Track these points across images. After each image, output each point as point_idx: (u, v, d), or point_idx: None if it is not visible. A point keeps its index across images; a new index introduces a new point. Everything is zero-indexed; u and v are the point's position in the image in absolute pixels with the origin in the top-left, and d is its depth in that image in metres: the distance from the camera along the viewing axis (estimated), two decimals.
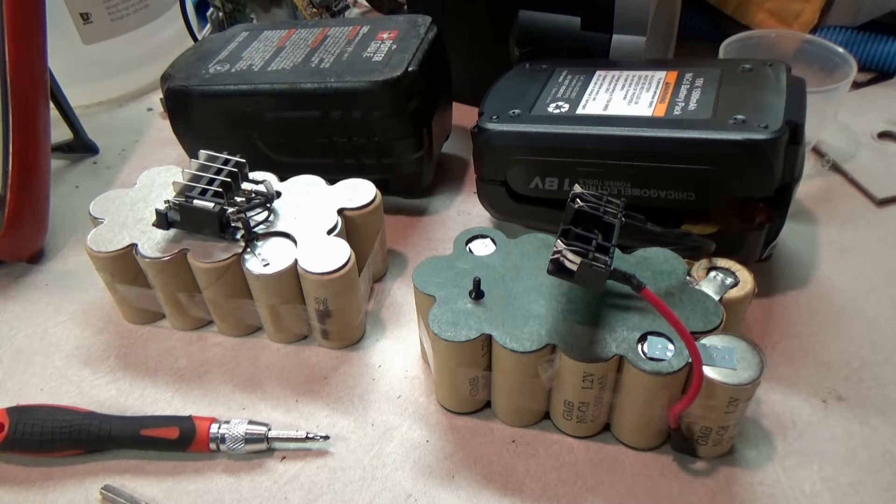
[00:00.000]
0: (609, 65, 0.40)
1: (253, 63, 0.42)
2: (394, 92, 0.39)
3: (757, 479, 0.30)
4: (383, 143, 0.41)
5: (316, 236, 0.35)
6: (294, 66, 0.41)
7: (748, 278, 0.32)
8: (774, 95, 0.34)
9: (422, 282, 0.32)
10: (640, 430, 0.31)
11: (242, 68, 0.42)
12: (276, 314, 0.36)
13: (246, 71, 0.41)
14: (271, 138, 0.42)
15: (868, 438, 0.32)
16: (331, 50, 0.42)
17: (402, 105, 0.39)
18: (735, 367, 0.27)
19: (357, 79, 0.39)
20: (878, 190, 0.45)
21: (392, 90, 0.39)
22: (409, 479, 0.31)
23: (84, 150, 0.52)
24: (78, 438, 0.32)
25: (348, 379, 0.36)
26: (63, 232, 0.45)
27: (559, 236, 0.27)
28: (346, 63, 0.41)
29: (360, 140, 0.41)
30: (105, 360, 0.37)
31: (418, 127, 0.41)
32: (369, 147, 0.41)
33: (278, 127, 0.41)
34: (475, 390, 0.32)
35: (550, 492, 0.30)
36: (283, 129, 0.41)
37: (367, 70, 0.39)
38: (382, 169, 0.41)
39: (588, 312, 0.30)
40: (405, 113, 0.40)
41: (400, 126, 0.40)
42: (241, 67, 0.42)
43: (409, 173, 0.43)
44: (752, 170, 0.32)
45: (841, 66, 0.45)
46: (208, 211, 0.34)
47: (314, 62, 0.41)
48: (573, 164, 0.35)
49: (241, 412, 0.34)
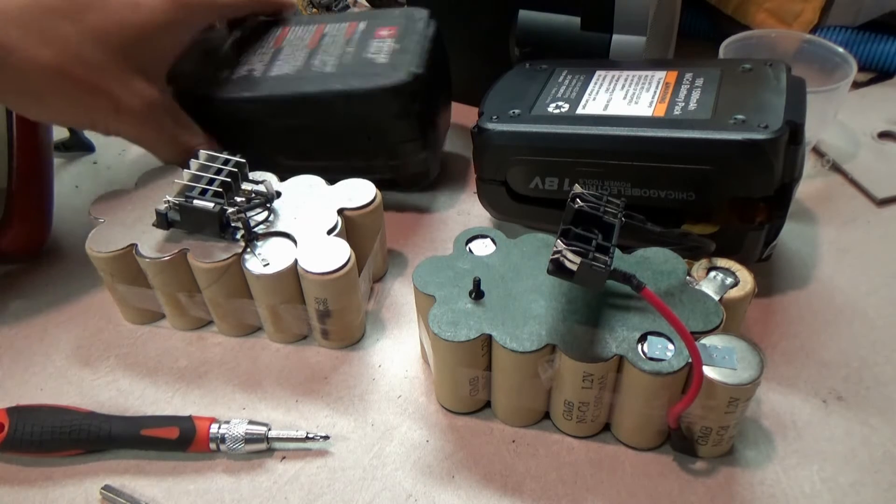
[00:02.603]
0: (609, 65, 0.40)
1: (254, 68, 0.42)
2: (401, 96, 0.39)
3: (757, 479, 0.30)
4: (391, 145, 0.41)
5: (316, 236, 0.35)
6: (297, 71, 0.41)
7: (748, 278, 0.32)
8: (774, 95, 0.34)
9: (422, 282, 0.32)
10: (640, 430, 0.31)
11: (244, 73, 0.41)
12: (276, 314, 0.36)
13: (248, 77, 0.41)
14: (277, 144, 0.42)
15: (868, 438, 0.32)
16: (331, 51, 0.42)
17: (410, 108, 0.39)
18: (735, 367, 0.28)
19: (363, 84, 0.39)
20: (878, 190, 0.45)
21: (399, 95, 0.39)
22: (409, 479, 0.31)
23: (80, 148, 0.52)
24: (78, 438, 0.32)
25: (348, 379, 0.36)
26: (63, 232, 0.45)
27: (559, 236, 0.27)
28: (349, 66, 0.40)
29: (368, 144, 0.41)
30: (105, 360, 0.37)
31: (424, 127, 0.41)
32: (377, 150, 0.41)
33: (283, 133, 0.41)
34: (475, 390, 0.32)
35: (550, 492, 0.30)
36: (289, 135, 0.41)
37: (372, 74, 0.39)
38: (391, 169, 0.42)
39: (588, 312, 0.30)
40: (412, 115, 0.40)
41: (408, 128, 0.40)
42: (243, 73, 0.41)
43: (416, 171, 0.44)
44: (752, 170, 0.32)
45: (841, 66, 0.45)
46: (208, 211, 0.34)
47: (316, 65, 0.41)
48: (573, 164, 0.35)
49: (241, 412, 0.34)
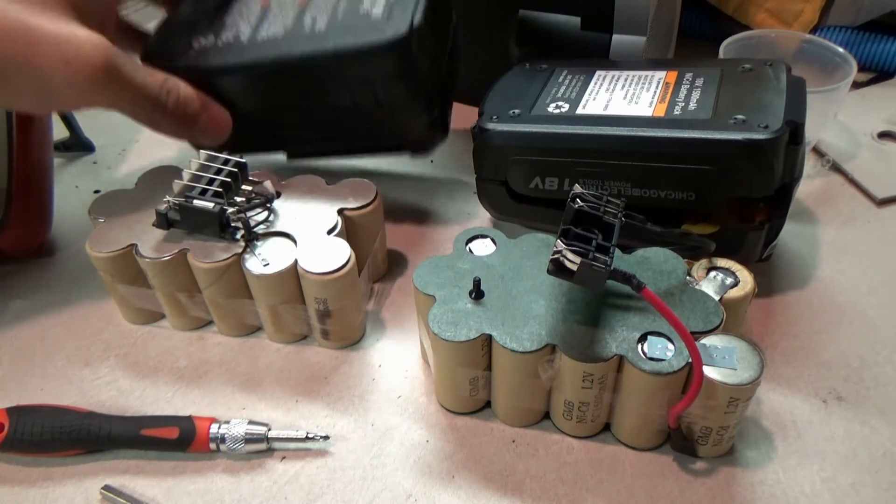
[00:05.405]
0: (609, 65, 0.40)
1: (240, 31, 0.37)
2: (400, 52, 0.35)
3: (757, 479, 0.30)
4: (392, 108, 0.37)
5: (316, 236, 0.35)
6: (286, 32, 0.36)
7: (748, 278, 0.32)
8: (774, 95, 0.34)
9: (422, 282, 0.32)
10: (640, 430, 0.31)
11: (229, 39, 0.37)
12: (276, 314, 0.36)
13: (234, 43, 0.37)
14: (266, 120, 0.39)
15: (868, 438, 0.32)
16: (322, 5, 0.37)
17: (411, 66, 0.36)
18: (735, 367, 0.28)
19: (357, 40, 0.35)
20: (878, 190, 0.45)
21: (398, 50, 0.35)
22: (409, 479, 0.31)
23: (80, 148, 0.52)
24: (78, 438, 0.32)
25: (348, 379, 0.36)
26: (63, 232, 0.45)
27: (559, 236, 0.27)
28: (342, 22, 0.36)
29: (368, 107, 0.37)
30: (105, 360, 0.37)
31: (428, 87, 0.38)
32: (378, 114, 0.37)
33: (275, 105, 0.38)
34: (475, 390, 0.32)
35: (550, 492, 0.30)
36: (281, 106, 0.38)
37: (367, 28, 0.35)
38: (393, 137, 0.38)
39: (588, 312, 0.30)
40: (414, 74, 0.36)
41: (409, 88, 0.37)
42: (228, 38, 0.37)
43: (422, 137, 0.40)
44: (752, 170, 0.32)
45: (841, 66, 0.45)
46: (208, 211, 0.34)
47: (307, 24, 0.36)
48: (573, 163, 0.35)
49: (241, 412, 0.34)
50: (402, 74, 0.36)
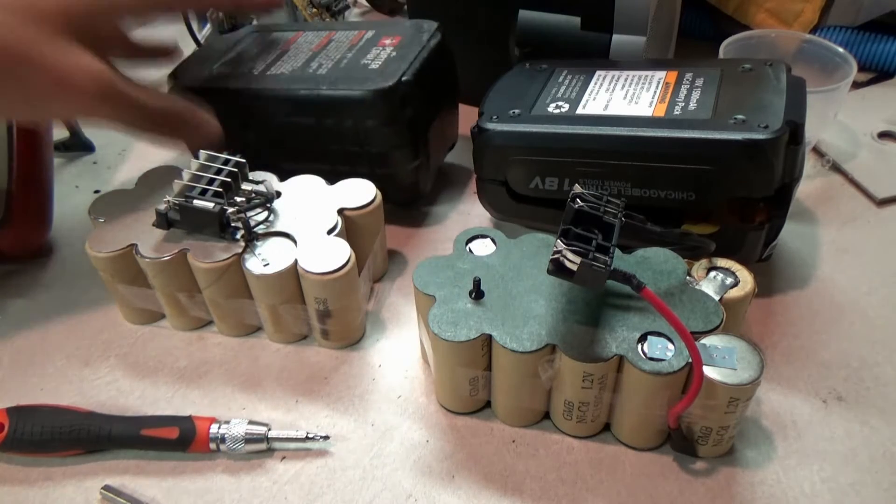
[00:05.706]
0: (609, 65, 0.40)
1: (255, 66, 0.42)
2: (386, 101, 0.38)
3: (757, 479, 0.30)
4: (378, 152, 0.40)
5: (316, 236, 0.35)
6: (292, 71, 0.41)
7: (748, 278, 0.32)
8: (774, 95, 0.34)
9: (422, 282, 0.32)
10: (640, 430, 0.31)
11: (244, 71, 0.42)
12: (276, 314, 0.36)
13: (246, 73, 0.42)
14: (267, 142, 0.42)
15: (868, 438, 0.32)
16: (331, 55, 0.42)
17: (396, 115, 0.39)
18: (735, 367, 0.28)
19: (349, 87, 0.39)
20: (878, 190, 0.45)
21: (384, 99, 0.38)
22: (409, 479, 0.31)
23: (80, 148, 0.52)
24: (78, 438, 0.32)
25: (348, 379, 0.36)
26: (63, 232, 0.45)
27: (559, 236, 0.27)
28: (342, 70, 0.40)
29: (354, 149, 0.40)
30: (105, 360, 0.37)
31: (414, 137, 0.40)
32: (363, 156, 0.41)
33: (274, 131, 0.41)
34: (475, 390, 0.32)
35: (550, 492, 0.30)
36: (279, 133, 0.41)
37: (361, 78, 0.39)
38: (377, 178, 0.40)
39: (588, 312, 0.30)
40: (399, 122, 0.39)
41: (394, 136, 0.40)
42: (243, 70, 0.42)
43: (406, 183, 0.43)
44: (752, 170, 0.32)
45: (841, 66, 0.45)
46: (208, 211, 0.34)
47: (312, 68, 0.41)
48: (573, 164, 0.35)
49: (241, 412, 0.34)
50: (387, 121, 0.39)
